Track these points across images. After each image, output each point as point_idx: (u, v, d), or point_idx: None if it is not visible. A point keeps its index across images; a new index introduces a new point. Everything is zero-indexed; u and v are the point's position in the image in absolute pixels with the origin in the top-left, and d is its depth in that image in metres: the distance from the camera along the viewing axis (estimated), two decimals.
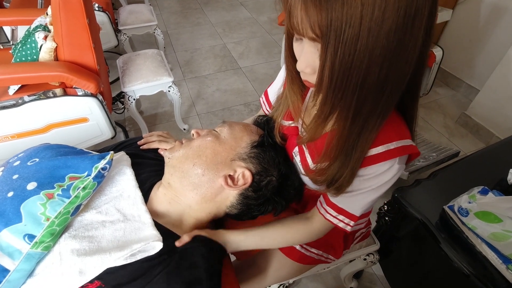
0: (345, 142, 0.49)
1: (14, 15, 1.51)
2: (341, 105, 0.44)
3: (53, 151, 0.56)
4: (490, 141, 1.82)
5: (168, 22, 3.04)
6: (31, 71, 1.12)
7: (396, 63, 0.40)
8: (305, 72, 0.47)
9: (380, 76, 0.41)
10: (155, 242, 0.50)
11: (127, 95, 1.58)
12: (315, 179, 0.57)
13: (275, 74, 2.48)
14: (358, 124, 0.47)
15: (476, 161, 1.02)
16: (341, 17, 0.36)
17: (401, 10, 0.36)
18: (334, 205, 0.60)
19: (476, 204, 0.80)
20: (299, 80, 0.57)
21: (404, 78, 0.43)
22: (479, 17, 1.92)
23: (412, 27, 0.38)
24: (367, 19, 0.36)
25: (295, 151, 0.64)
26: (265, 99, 0.79)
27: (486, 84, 1.78)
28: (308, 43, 0.43)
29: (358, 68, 0.39)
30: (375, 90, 0.42)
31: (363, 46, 0.37)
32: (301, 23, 0.40)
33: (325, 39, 0.39)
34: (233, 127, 0.65)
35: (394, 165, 0.53)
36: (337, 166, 0.53)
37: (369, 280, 1.27)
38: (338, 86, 0.41)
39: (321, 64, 0.41)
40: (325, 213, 0.62)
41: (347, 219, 0.60)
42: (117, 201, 0.56)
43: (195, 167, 0.59)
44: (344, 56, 0.39)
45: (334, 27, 0.37)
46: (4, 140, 1.21)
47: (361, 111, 0.45)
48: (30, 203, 0.47)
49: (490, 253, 0.73)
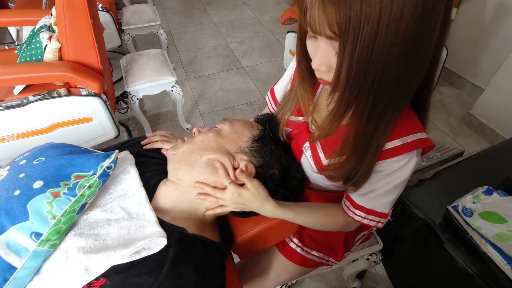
0: (361, 137, 0.50)
1: (19, 16, 1.52)
2: (358, 102, 0.44)
3: (59, 150, 0.57)
4: (494, 140, 1.80)
5: (171, 21, 3.05)
6: (36, 71, 1.13)
7: (413, 58, 0.40)
8: (320, 70, 0.47)
9: (397, 72, 0.41)
10: (159, 239, 0.51)
11: (130, 94, 1.59)
12: (331, 176, 0.57)
13: (278, 74, 2.49)
14: (374, 120, 0.47)
15: (481, 161, 1.01)
16: (359, 15, 0.36)
17: (419, 5, 0.36)
18: (361, 207, 0.60)
19: (480, 204, 0.80)
20: (310, 78, 0.58)
21: (420, 73, 0.44)
22: (484, 15, 1.91)
23: (429, 22, 0.38)
24: (386, 15, 0.36)
25: (306, 146, 0.64)
26: (271, 97, 0.80)
27: (490, 83, 1.77)
28: (324, 41, 0.43)
29: (375, 65, 0.39)
30: (392, 85, 0.42)
31: (381, 43, 0.37)
32: (318, 22, 0.40)
33: (343, 37, 0.39)
34: (233, 123, 0.66)
35: (413, 158, 0.53)
36: (353, 162, 0.53)
37: (372, 280, 1.27)
38: (355, 83, 0.42)
39: (338, 62, 0.41)
40: (354, 216, 0.62)
41: (377, 217, 0.61)
42: (121, 199, 0.56)
43: (202, 158, 0.60)
44: (362, 53, 0.38)
45: (352, 25, 0.37)
46: (9, 140, 1.23)
47: (378, 107, 0.45)
48: (36, 202, 0.48)
49: (494, 253, 0.73)
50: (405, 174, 0.55)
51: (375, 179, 0.56)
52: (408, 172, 0.54)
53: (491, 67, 1.94)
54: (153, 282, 0.47)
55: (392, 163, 0.53)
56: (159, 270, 0.49)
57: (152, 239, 0.50)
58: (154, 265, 0.49)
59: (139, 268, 0.49)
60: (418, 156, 0.54)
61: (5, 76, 1.10)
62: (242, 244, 0.70)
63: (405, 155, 0.52)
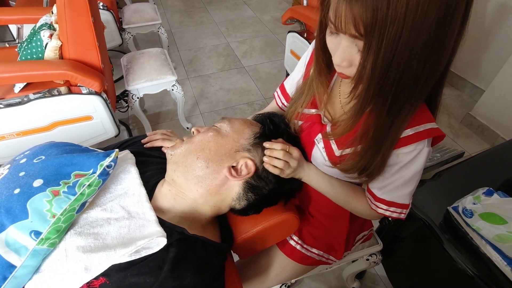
0: (379, 132, 0.51)
1: (20, 14, 1.52)
2: (378, 98, 0.45)
3: (59, 149, 0.56)
4: (495, 142, 1.80)
5: (172, 21, 3.05)
6: (37, 69, 1.12)
7: (434, 56, 0.42)
8: (342, 66, 0.47)
9: (417, 70, 0.42)
10: (159, 238, 0.50)
11: (131, 93, 1.59)
12: (345, 169, 0.58)
13: (279, 74, 2.49)
14: (393, 114, 0.48)
15: (481, 162, 1.01)
16: (385, 16, 0.37)
17: (442, 7, 0.37)
18: (382, 200, 0.62)
19: (480, 205, 0.80)
20: (327, 72, 0.59)
21: (439, 69, 0.45)
22: (485, 16, 1.91)
23: (450, 22, 0.39)
24: (411, 17, 0.37)
25: (318, 138, 0.65)
26: (281, 93, 0.80)
27: (491, 84, 1.76)
28: (346, 38, 0.44)
29: (398, 64, 0.40)
30: (412, 82, 0.43)
31: (404, 43, 0.38)
32: (344, 21, 0.41)
33: (369, 38, 0.39)
34: (232, 121, 0.66)
35: (424, 149, 0.54)
36: (370, 155, 0.54)
37: (371, 281, 1.27)
38: (377, 81, 0.43)
39: (362, 61, 0.42)
40: (377, 209, 0.64)
41: (399, 209, 0.62)
42: (122, 198, 0.56)
43: (199, 160, 0.60)
44: (385, 53, 0.39)
45: (378, 26, 0.38)
46: (9, 138, 1.22)
47: (397, 102, 0.46)
48: (36, 200, 0.47)
49: (494, 254, 0.73)
50: (419, 165, 0.56)
51: (390, 172, 0.57)
52: (421, 163, 0.56)
53: (492, 68, 1.94)
54: (153, 282, 0.47)
55: (405, 155, 0.55)
56: (159, 271, 0.49)
57: (152, 239, 0.50)
58: (154, 265, 0.49)
59: (139, 267, 0.48)
60: (429, 146, 0.55)
61: (6, 74, 1.10)
62: (242, 243, 0.70)
63: (416, 144, 0.53)
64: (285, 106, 0.79)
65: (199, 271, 0.52)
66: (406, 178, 0.58)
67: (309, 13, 1.68)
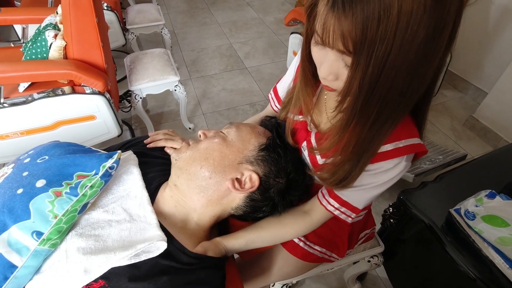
0: (360, 145, 0.50)
1: (25, 14, 1.53)
2: (363, 113, 0.45)
3: (62, 149, 0.57)
4: (498, 144, 1.79)
5: (175, 21, 3.06)
6: (41, 69, 1.13)
7: (420, 73, 0.41)
8: (328, 79, 0.47)
9: (403, 86, 0.42)
10: (159, 243, 0.50)
11: (134, 93, 1.59)
12: (323, 178, 0.58)
13: (281, 74, 2.45)
14: (375, 129, 0.48)
15: (484, 165, 1.01)
16: (375, 34, 0.36)
17: (431, 26, 0.37)
18: (337, 197, 0.61)
19: (483, 208, 0.80)
20: (313, 83, 0.58)
21: (425, 83, 0.44)
22: (488, 19, 1.90)
23: (438, 39, 0.39)
24: (400, 36, 0.36)
25: (304, 146, 0.65)
26: (274, 95, 0.80)
27: (494, 87, 1.75)
28: (333, 52, 0.43)
29: (384, 81, 0.40)
30: (397, 98, 0.43)
31: (392, 61, 0.38)
32: (332, 36, 0.40)
33: (357, 55, 0.39)
34: (240, 129, 0.64)
35: (401, 162, 0.54)
36: (348, 167, 0.54)
37: (372, 283, 1.26)
38: (363, 97, 0.42)
39: (349, 77, 0.42)
40: (327, 205, 0.62)
41: (349, 211, 0.61)
42: (123, 200, 0.56)
43: (202, 170, 0.59)
44: (373, 71, 0.39)
45: (368, 44, 0.37)
46: (13, 136, 1.23)
47: (380, 117, 0.46)
48: (38, 200, 0.48)
49: (496, 257, 0.72)
50: (390, 176, 0.55)
51: (361, 177, 0.56)
52: (394, 174, 0.55)
53: (495, 71, 1.93)
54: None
55: (380, 164, 0.54)
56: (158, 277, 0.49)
57: (152, 243, 0.50)
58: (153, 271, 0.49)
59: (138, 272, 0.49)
60: (407, 161, 0.54)
61: (11, 74, 1.11)
62: None
63: (394, 159, 0.53)
64: (278, 109, 0.78)
65: None
66: (373, 185, 0.57)
67: None
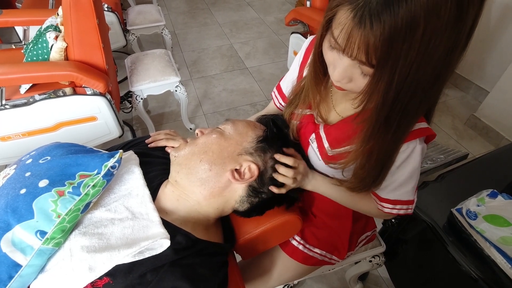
0: (384, 154, 0.53)
1: (25, 16, 1.53)
2: (385, 124, 0.47)
3: (64, 149, 0.57)
4: (499, 143, 1.79)
5: (175, 22, 3.06)
6: (42, 70, 1.14)
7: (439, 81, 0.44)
8: (341, 82, 0.49)
9: (422, 95, 0.44)
10: (162, 240, 0.51)
11: (134, 94, 1.60)
12: (354, 187, 0.61)
13: (282, 75, 2.45)
14: (396, 136, 0.51)
15: (485, 164, 1.01)
16: (399, 52, 0.38)
17: (450, 41, 0.39)
18: (387, 200, 0.63)
19: (484, 207, 0.79)
20: (323, 80, 0.60)
21: (441, 90, 0.47)
22: (490, 17, 1.89)
23: (455, 51, 0.41)
24: (421, 53, 0.38)
25: (312, 138, 0.66)
26: (277, 93, 0.80)
27: (496, 86, 1.75)
28: (351, 61, 0.44)
29: (405, 93, 0.42)
30: (416, 106, 0.46)
31: (413, 75, 0.40)
32: (356, 49, 0.41)
33: (379, 70, 0.41)
34: (236, 123, 0.66)
35: (417, 146, 0.56)
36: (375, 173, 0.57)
37: (374, 283, 1.26)
38: (386, 110, 0.45)
39: (369, 89, 0.44)
40: (383, 208, 0.65)
41: (405, 205, 0.63)
42: (125, 199, 0.57)
43: (202, 163, 0.60)
44: (397, 86, 0.41)
45: (392, 60, 0.39)
46: (15, 138, 1.24)
47: (401, 126, 0.48)
48: (42, 200, 0.48)
49: (498, 257, 0.72)
50: (415, 162, 0.57)
51: (389, 174, 0.58)
52: (417, 159, 0.57)
53: (496, 70, 1.93)
54: (153, 279, 0.48)
55: (398, 155, 0.56)
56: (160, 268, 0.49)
57: (155, 240, 0.50)
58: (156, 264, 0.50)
59: (143, 268, 0.49)
60: (422, 143, 0.56)
61: (12, 75, 1.11)
62: (244, 244, 0.71)
63: (407, 144, 0.55)
64: (282, 106, 0.79)
65: None
66: (405, 176, 0.59)
67: (312, 14, 1.68)
